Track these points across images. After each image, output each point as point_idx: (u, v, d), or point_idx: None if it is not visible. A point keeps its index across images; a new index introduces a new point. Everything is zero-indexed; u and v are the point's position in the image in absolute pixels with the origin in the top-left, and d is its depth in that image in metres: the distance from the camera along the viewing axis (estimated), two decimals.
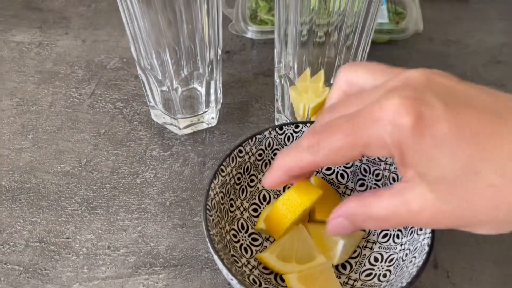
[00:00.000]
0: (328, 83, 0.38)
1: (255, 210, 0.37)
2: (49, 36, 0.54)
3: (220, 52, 0.41)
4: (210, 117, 0.45)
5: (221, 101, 0.46)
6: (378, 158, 0.35)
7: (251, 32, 0.53)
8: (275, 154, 0.37)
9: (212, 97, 0.43)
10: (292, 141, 0.37)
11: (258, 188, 0.37)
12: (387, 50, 0.53)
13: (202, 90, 0.42)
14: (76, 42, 0.54)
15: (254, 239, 0.35)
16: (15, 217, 0.38)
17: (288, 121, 0.42)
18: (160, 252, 0.36)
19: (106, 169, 0.41)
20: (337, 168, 0.38)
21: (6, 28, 0.55)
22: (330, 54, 0.37)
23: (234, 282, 0.28)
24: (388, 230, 0.34)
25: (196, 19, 0.36)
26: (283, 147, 0.37)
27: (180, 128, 0.44)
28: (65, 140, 0.44)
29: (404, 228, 0.33)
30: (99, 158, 0.42)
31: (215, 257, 0.29)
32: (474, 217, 0.22)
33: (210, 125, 0.45)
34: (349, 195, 0.37)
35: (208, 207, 0.31)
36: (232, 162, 0.35)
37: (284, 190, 0.38)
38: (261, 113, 0.47)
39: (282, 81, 0.41)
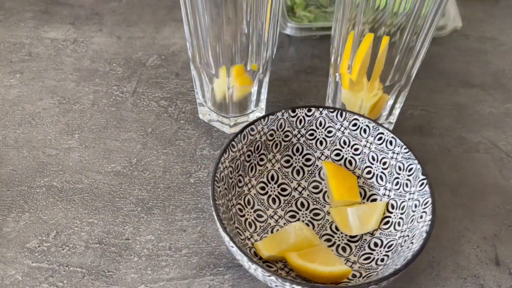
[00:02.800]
0: (384, 82, 0.38)
1: (262, 188, 0.38)
2: (83, 32, 0.53)
3: (275, 51, 0.40)
4: (255, 116, 0.44)
5: (266, 98, 0.46)
6: (386, 146, 0.36)
7: (290, 28, 0.52)
8: (286, 136, 0.39)
9: (262, 96, 0.43)
10: (303, 124, 0.38)
11: (267, 167, 0.38)
12: None
13: (254, 88, 0.42)
14: (112, 39, 0.53)
15: (259, 215, 0.36)
16: (71, 218, 0.37)
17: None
18: (222, 252, 0.36)
19: (157, 168, 0.41)
20: (346, 154, 0.39)
21: (38, 24, 0.54)
22: (389, 54, 0.36)
23: (234, 249, 0.29)
24: (390, 217, 0.35)
25: (257, 16, 0.36)
26: (294, 130, 0.38)
27: (230, 126, 0.43)
28: (112, 139, 0.43)
29: (405, 216, 0.34)
30: (149, 157, 0.42)
31: (218, 225, 0.30)
32: None
33: None
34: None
35: (216, 178, 0.33)
36: (244, 139, 0.36)
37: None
38: None
39: (337, 79, 0.41)
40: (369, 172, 0.37)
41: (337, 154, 0.39)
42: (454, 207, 0.39)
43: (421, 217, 0.31)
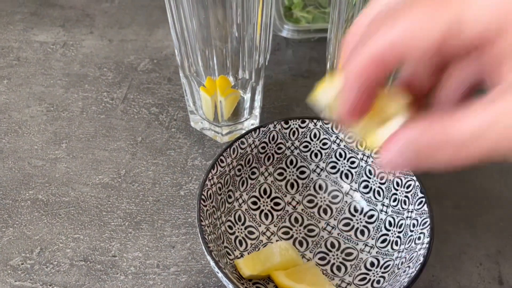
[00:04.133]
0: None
1: (254, 203, 0.36)
2: (73, 35, 0.52)
3: (268, 56, 0.39)
4: (250, 123, 0.43)
5: (261, 105, 0.44)
6: None
7: (287, 31, 0.50)
8: (279, 148, 0.37)
9: (256, 103, 0.41)
10: (297, 136, 0.37)
11: (259, 181, 0.37)
12: None
13: (247, 96, 0.40)
14: (103, 42, 0.51)
15: (250, 232, 0.35)
16: (56, 234, 0.36)
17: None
18: (212, 271, 0.34)
19: (147, 180, 0.39)
20: (342, 167, 0.37)
21: (27, 27, 0.53)
22: None
23: (220, 275, 0.28)
24: (388, 235, 0.33)
25: (248, 19, 0.34)
26: (287, 142, 0.37)
27: (222, 135, 0.42)
28: (101, 149, 0.41)
29: (403, 235, 0.32)
30: (138, 168, 0.40)
31: (204, 248, 0.28)
32: None
33: None
34: (352, 194, 0.36)
35: (203, 197, 0.31)
36: (233, 153, 0.34)
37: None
38: None
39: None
40: (366, 187, 0.36)
41: (333, 167, 0.37)
42: (456, 221, 0.37)
43: (419, 238, 0.29)
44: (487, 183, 0.40)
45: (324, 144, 0.37)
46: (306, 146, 0.37)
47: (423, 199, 0.30)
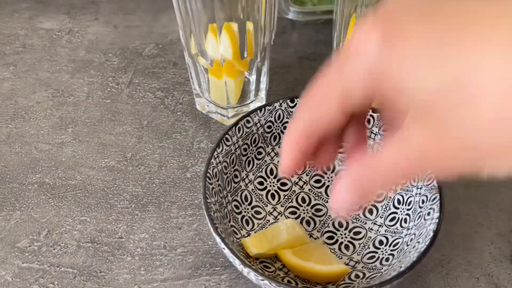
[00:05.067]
0: None
1: (260, 183, 0.36)
2: (78, 22, 0.52)
3: (273, 36, 0.38)
4: (256, 105, 0.42)
5: (268, 88, 0.44)
6: None
7: (293, 13, 0.50)
8: (285, 128, 0.36)
9: (262, 85, 0.41)
10: None
11: (265, 161, 0.36)
12: None
13: (252, 77, 0.40)
14: (108, 28, 0.51)
15: (257, 212, 0.35)
16: (63, 216, 0.36)
17: None
18: (219, 251, 0.34)
19: (153, 163, 0.39)
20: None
21: (33, 15, 0.53)
22: None
23: (226, 251, 0.27)
24: (396, 213, 0.32)
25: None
26: None
27: (228, 118, 0.41)
28: (106, 133, 0.41)
29: (412, 212, 0.31)
30: (144, 151, 0.40)
31: (209, 225, 0.28)
32: (482, 142, 0.17)
33: None
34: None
35: (208, 174, 0.31)
36: (239, 132, 0.34)
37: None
38: None
39: None
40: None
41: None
42: (467, 201, 0.37)
43: (429, 213, 0.29)
44: None
45: None
46: None
47: (432, 175, 0.30)
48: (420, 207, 0.30)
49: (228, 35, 0.35)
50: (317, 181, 0.36)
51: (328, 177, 0.36)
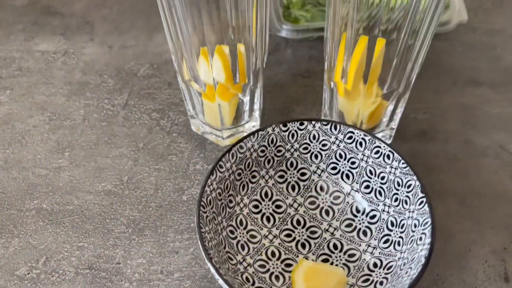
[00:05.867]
0: (383, 85, 0.36)
1: (255, 206, 0.36)
2: (74, 43, 0.52)
3: (265, 59, 0.38)
4: (251, 125, 0.43)
5: (262, 107, 0.44)
6: (384, 160, 0.34)
7: (286, 31, 0.50)
8: (278, 151, 0.37)
9: (256, 106, 0.41)
10: (296, 138, 0.37)
11: (260, 184, 0.37)
12: None
13: (246, 98, 0.40)
14: (103, 48, 0.51)
15: (252, 236, 0.35)
16: (61, 243, 0.36)
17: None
18: None
19: (149, 186, 0.40)
20: (342, 167, 0.37)
21: (28, 37, 0.53)
22: (386, 57, 0.34)
23: (220, 281, 0.28)
24: (390, 235, 0.33)
25: (243, 22, 0.34)
26: (286, 144, 0.37)
27: (223, 138, 0.42)
28: (103, 157, 0.42)
29: (405, 235, 0.32)
30: (140, 174, 0.40)
31: (204, 256, 0.29)
32: None
33: None
34: (353, 195, 0.36)
35: (202, 203, 0.31)
36: (232, 158, 0.34)
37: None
38: None
39: (332, 86, 0.38)
40: (367, 187, 0.35)
41: (334, 168, 0.37)
42: (461, 219, 0.37)
43: (421, 238, 0.29)
44: (492, 179, 0.39)
45: (324, 145, 0.36)
46: (305, 148, 0.37)
47: (424, 199, 0.30)
48: (413, 231, 0.31)
49: (220, 58, 0.36)
50: (312, 203, 0.37)
51: (322, 199, 0.37)
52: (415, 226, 0.30)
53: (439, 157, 0.41)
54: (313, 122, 0.36)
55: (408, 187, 0.32)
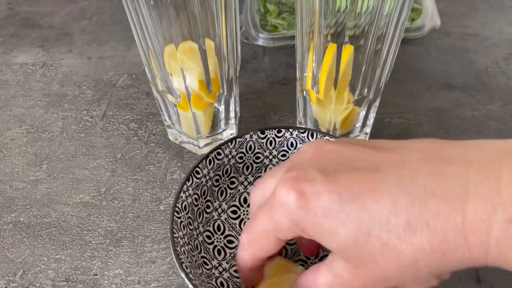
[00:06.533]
0: (354, 91, 0.37)
1: (234, 212, 0.37)
2: (52, 55, 0.52)
3: (238, 68, 0.39)
4: (229, 133, 0.43)
5: (239, 115, 0.45)
6: None
7: (262, 39, 0.51)
8: (257, 158, 0.37)
9: (232, 114, 0.42)
10: (274, 146, 0.37)
11: (239, 190, 0.37)
12: (402, 48, 0.52)
13: (221, 107, 0.40)
14: (82, 60, 0.52)
15: (230, 241, 0.35)
16: (38, 256, 0.36)
17: None
18: None
19: (127, 196, 0.40)
20: None
21: (7, 49, 0.53)
22: (357, 60, 0.34)
23: (190, 286, 0.28)
24: None
25: (213, 32, 0.34)
26: (265, 151, 0.37)
27: (200, 147, 0.42)
28: (81, 168, 0.42)
29: None
30: (118, 185, 0.41)
31: (175, 260, 0.29)
32: (391, 277, 0.22)
33: None
34: None
35: (177, 209, 0.32)
36: (210, 164, 0.35)
37: None
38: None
39: (304, 93, 0.39)
40: None
41: None
42: None
43: None
44: None
45: None
46: (284, 155, 0.37)
47: None
48: None
49: (191, 61, 0.36)
50: None
51: None
52: None
53: None
54: (291, 130, 0.36)
55: None
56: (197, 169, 0.34)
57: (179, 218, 0.32)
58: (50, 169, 0.42)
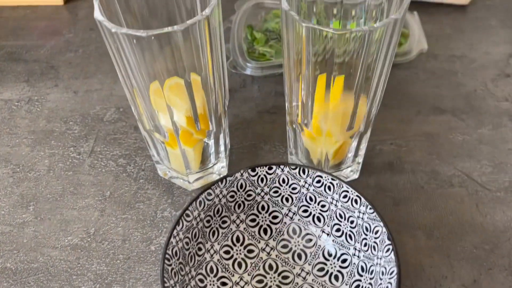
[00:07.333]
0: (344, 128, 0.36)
1: (227, 252, 0.36)
2: (38, 90, 0.52)
3: (227, 102, 0.38)
4: (220, 166, 0.43)
5: (229, 146, 0.44)
6: (352, 205, 0.34)
7: (251, 69, 0.50)
8: (248, 195, 0.37)
9: (222, 148, 0.41)
10: (266, 182, 0.37)
11: (231, 229, 0.36)
12: (390, 72, 0.51)
13: (211, 141, 0.40)
14: (68, 94, 0.51)
15: (223, 284, 0.34)
16: None
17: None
18: None
19: (116, 237, 0.39)
20: (313, 210, 0.36)
21: None
22: (347, 86, 0.34)
23: None
24: (360, 281, 0.33)
25: (199, 69, 0.33)
26: (256, 188, 0.37)
27: (190, 182, 0.41)
28: (69, 208, 0.41)
29: (374, 282, 0.31)
30: (107, 225, 0.40)
31: None
32: None
33: (221, 175, 0.43)
34: (325, 238, 0.36)
35: (167, 256, 0.31)
36: (200, 205, 0.34)
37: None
38: (272, 156, 0.44)
39: (294, 125, 0.39)
40: (338, 230, 0.35)
41: (305, 211, 0.37)
42: (430, 252, 0.37)
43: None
44: (458, 208, 0.40)
45: (294, 189, 0.36)
46: (276, 192, 0.37)
47: (390, 246, 0.30)
48: (380, 279, 0.30)
49: (178, 97, 0.35)
50: (284, 246, 0.37)
51: (295, 242, 0.37)
52: (382, 273, 0.30)
53: (406, 189, 0.41)
54: (282, 166, 0.36)
55: (376, 233, 0.32)
56: (187, 212, 0.33)
57: (170, 265, 0.31)
58: (37, 210, 0.41)
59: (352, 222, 0.34)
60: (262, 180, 0.36)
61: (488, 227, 0.38)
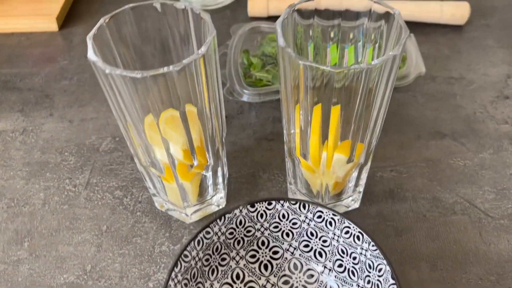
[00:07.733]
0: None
1: None
2: (33, 120, 0.51)
3: (224, 135, 0.38)
4: (218, 197, 0.42)
5: (227, 176, 0.43)
6: (354, 241, 0.33)
7: (248, 95, 0.50)
8: (248, 231, 0.36)
9: (220, 179, 0.40)
10: (265, 218, 0.36)
11: (230, 266, 0.36)
12: None
13: (208, 173, 0.39)
14: (63, 123, 0.50)
15: None
16: None
17: (298, 195, 0.40)
18: None
19: (113, 274, 0.38)
20: (315, 245, 0.36)
21: None
22: (346, 115, 0.33)
23: None
24: None
25: (194, 95, 0.32)
26: (256, 224, 0.36)
27: (188, 215, 0.40)
28: (65, 244, 0.40)
29: None
30: (104, 261, 0.39)
31: None
32: None
33: (220, 207, 0.42)
34: (327, 274, 0.35)
35: None
36: (198, 245, 0.33)
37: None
38: (271, 185, 0.44)
39: (292, 156, 0.38)
40: (340, 266, 0.34)
41: (306, 246, 0.36)
42: (434, 285, 0.36)
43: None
44: (462, 237, 0.39)
45: (294, 224, 0.36)
46: (276, 227, 0.36)
47: (395, 286, 0.29)
48: None
49: (173, 131, 0.34)
50: (286, 282, 0.36)
51: (296, 278, 0.36)
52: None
53: (408, 218, 0.41)
54: (281, 202, 0.35)
55: (379, 271, 0.31)
56: (186, 252, 0.32)
57: None
58: (32, 247, 0.40)
59: (354, 258, 0.33)
60: (261, 215, 0.35)
61: (493, 256, 0.38)
